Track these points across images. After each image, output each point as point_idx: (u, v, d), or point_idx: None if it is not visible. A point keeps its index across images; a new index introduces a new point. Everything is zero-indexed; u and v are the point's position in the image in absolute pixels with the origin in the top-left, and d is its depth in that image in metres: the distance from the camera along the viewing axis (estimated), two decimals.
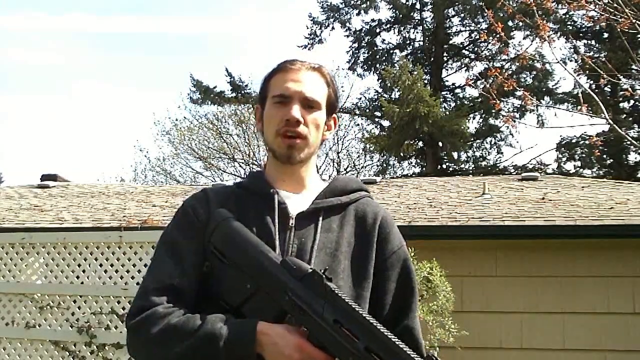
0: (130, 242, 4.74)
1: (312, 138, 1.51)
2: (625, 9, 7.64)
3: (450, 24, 20.53)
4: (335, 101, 1.58)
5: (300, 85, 1.50)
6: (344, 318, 1.24)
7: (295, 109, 1.48)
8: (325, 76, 1.57)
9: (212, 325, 1.30)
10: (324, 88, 1.55)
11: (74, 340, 4.64)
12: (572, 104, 16.82)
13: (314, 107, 1.51)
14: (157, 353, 1.34)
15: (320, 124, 1.53)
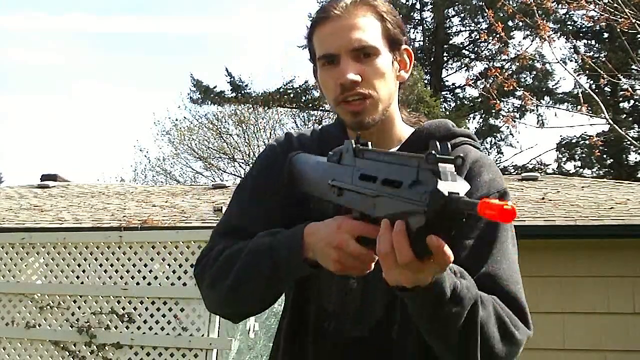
0: (130, 242, 4.74)
1: (381, 92, 1.24)
2: (625, 9, 7.64)
3: (450, 24, 20.54)
4: (398, 33, 1.29)
5: (345, 36, 1.23)
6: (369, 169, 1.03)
7: (348, 69, 1.21)
8: (374, 8, 1.26)
9: (257, 239, 1.19)
10: (375, 25, 1.25)
11: (74, 340, 4.64)
12: (572, 104, 16.82)
13: (371, 54, 1.24)
14: (220, 290, 1.24)
15: (386, 70, 1.25)
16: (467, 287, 1.04)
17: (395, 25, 1.29)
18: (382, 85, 1.25)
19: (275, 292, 1.24)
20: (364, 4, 1.26)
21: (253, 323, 4.80)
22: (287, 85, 20.82)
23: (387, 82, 1.26)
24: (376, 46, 1.24)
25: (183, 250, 4.57)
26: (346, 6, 1.25)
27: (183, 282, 4.53)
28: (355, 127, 1.26)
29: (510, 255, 1.22)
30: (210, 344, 4.36)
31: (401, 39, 1.30)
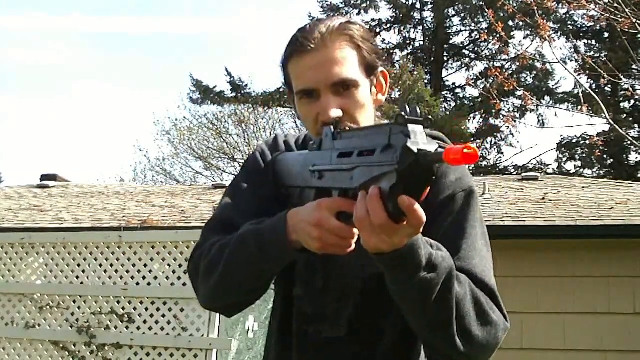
0: (130, 242, 4.74)
1: (361, 120, 1.23)
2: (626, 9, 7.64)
3: (451, 23, 20.54)
4: (374, 59, 1.26)
5: (324, 70, 1.20)
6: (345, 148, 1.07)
7: (329, 105, 1.20)
8: (350, 38, 1.23)
9: (244, 228, 1.20)
10: (352, 55, 1.23)
11: (73, 340, 4.64)
12: (573, 103, 16.82)
13: (351, 86, 1.22)
14: (211, 282, 1.23)
15: (366, 100, 1.24)
16: (442, 257, 1.06)
17: (371, 51, 1.26)
18: (362, 115, 1.24)
19: (264, 280, 1.25)
20: (340, 33, 1.23)
21: (252, 323, 4.80)
22: None
23: (367, 111, 1.25)
24: (355, 78, 1.23)
25: (183, 250, 4.56)
26: (322, 37, 1.22)
27: (183, 282, 4.53)
28: None
29: (482, 252, 1.21)
30: (210, 344, 4.36)
31: (377, 63, 1.28)
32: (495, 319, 1.15)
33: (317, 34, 1.22)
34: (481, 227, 1.24)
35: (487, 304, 1.15)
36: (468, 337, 1.11)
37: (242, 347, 4.62)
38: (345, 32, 1.24)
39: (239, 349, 4.55)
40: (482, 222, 1.25)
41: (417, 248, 1.00)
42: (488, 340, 1.14)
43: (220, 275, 1.21)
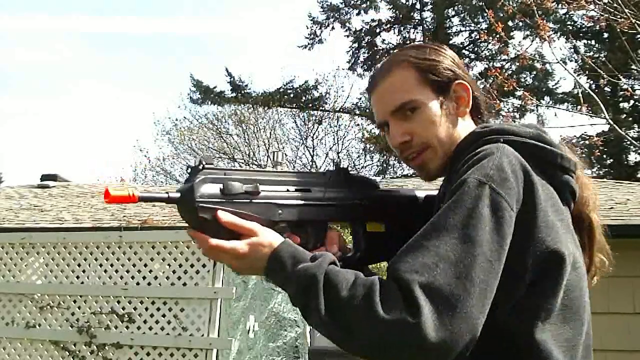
0: (130, 242, 4.74)
1: (437, 138, 1.27)
2: (625, 9, 7.65)
3: (450, 24, 20.55)
4: (442, 75, 1.29)
5: (383, 102, 1.29)
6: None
7: (396, 133, 1.27)
8: (405, 62, 1.28)
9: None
10: (411, 78, 1.27)
11: (74, 340, 4.64)
12: (572, 104, 16.83)
13: (413, 108, 1.26)
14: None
15: (435, 117, 1.26)
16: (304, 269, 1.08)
17: (436, 69, 1.28)
18: (434, 132, 1.26)
19: None
20: (396, 61, 1.30)
21: (253, 323, 4.80)
22: (287, 85, 20.84)
23: (439, 127, 1.27)
24: (413, 99, 1.26)
25: (183, 250, 4.56)
26: (380, 71, 1.31)
27: (183, 282, 4.53)
28: (425, 179, 1.33)
29: (424, 242, 1.05)
30: (210, 344, 4.36)
31: (448, 78, 1.30)
32: (380, 314, 0.99)
33: (378, 67, 1.32)
34: (456, 216, 1.06)
35: (367, 300, 1.01)
36: (338, 336, 1.05)
37: (243, 347, 4.63)
38: (400, 59, 1.29)
39: (239, 349, 4.55)
40: (462, 214, 1.06)
41: (271, 271, 1.12)
42: (361, 340, 1.02)
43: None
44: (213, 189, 1.14)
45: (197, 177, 1.13)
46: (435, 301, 0.98)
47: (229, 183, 1.16)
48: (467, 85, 1.32)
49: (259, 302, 4.92)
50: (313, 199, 1.25)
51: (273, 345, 5.23)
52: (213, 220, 1.13)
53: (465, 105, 1.32)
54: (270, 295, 5.16)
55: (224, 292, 4.42)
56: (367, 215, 1.30)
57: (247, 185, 1.17)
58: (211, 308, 4.42)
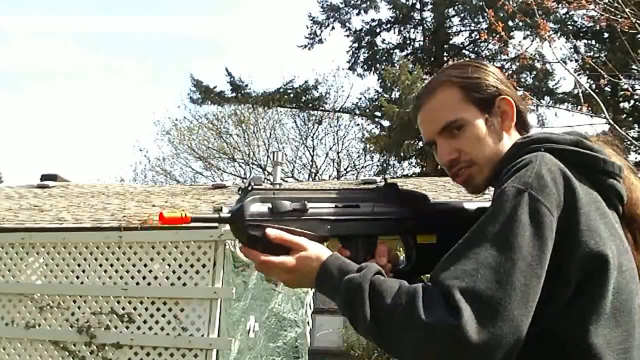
0: (130, 242, 4.74)
1: (483, 155, 1.30)
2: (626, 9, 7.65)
3: (450, 24, 20.54)
4: (485, 92, 1.32)
5: (430, 122, 1.33)
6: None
7: (443, 152, 1.32)
8: (448, 81, 1.33)
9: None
10: (454, 97, 1.31)
11: (73, 340, 4.64)
12: (573, 103, 16.83)
13: (459, 126, 1.30)
14: None
15: (480, 134, 1.30)
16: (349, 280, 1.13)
17: (479, 86, 1.32)
18: (480, 149, 1.30)
19: None
20: (439, 81, 1.34)
21: (253, 323, 4.80)
22: (287, 85, 20.84)
23: (486, 144, 1.30)
24: (459, 118, 1.30)
25: (183, 250, 4.56)
26: (426, 91, 1.35)
27: (183, 282, 4.53)
28: (470, 193, 1.38)
29: (465, 251, 1.09)
30: (210, 344, 4.36)
31: (492, 94, 1.32)
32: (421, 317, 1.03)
33: (423, 89, 1.37)
34: (495, 224, 1.09)
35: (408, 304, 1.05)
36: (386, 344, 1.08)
37: (243, 347, 4.62)
38: (443, 79, 1.34)
39: (239, 349, 4.55)
40: (501, 221, 1.09)
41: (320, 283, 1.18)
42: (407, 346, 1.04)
43: None
44: (262, 207, 1.22)
45: (247, 197, 1.22)
46: (475, 305, 1.00)
47: (277, 202, 1.23)
48: (510, 101, 1.34)
49: (259, 302, 4.92)
50: (361, 214, 1.30)
51: (273, 345, 5.23)
52: (263, 236, 1.20)
53: (510, 120, 1.34)
54: (271, 295, 5.16)
55: (224, 292, 4.42)
56: (417, 227, 1.34)
57: (295, 204, 1.24)
58: (211, 308, 4.42)
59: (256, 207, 1.22)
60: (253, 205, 1.22)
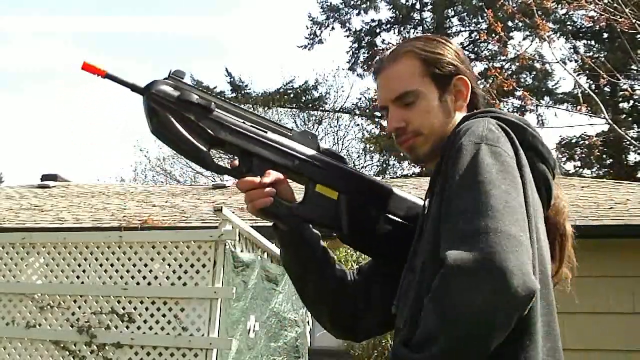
0: (130, 242, 4.74)
1: (430, 128, 1.32)
2: (625, 9, 7.65)
3: (450, 24, 20.55)
4: (442, 66, 1.34)
5: (385, 88, 1.36)
6: None
7: (391, 119, 1.35)
8: (411, 52, 1.35)
9: None
10: (413, 68, 1.34)
11: (74, 340, 4.64)
12: (572, 104, 16.83)
13: (412, 98, 1.32)
14: None
15: (430, 108, 1.32)
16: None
17: (440, 63, 1.34)
18: (428, 121, 1.32)
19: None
20: (402, 51, 1.36)
21: (253, 323, 4.80)
22: (287, 85, 20.86)
23: (434, 117, 1.33)
24: (414, 90, 1.33)
25: (183, 250, 4.57)
26: (388, 58, 1.38)
27: (183, 282, 4.53)
28: (414, 162, 1.44)
29: (452, 218, 1.08)
30: (210, 344, 4.36)
31: (450, 72, 1.34)
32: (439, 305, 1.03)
33: (387, 55, 1.39)
34: (464, 176, 1.10)
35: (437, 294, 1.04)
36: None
37: (243, 347, 4.63)
38: (406, 48, 1.36)
39: (239, 349, 4.55)
40: (468, 171, 1.10)
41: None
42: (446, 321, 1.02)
43: None
44: (171, 91, 1.31)
45: (163, 80, 1.32)
46: (468, 242, 1.02)
47: (186, 92, 1.31)
48: (467, 81, 1.36)
49: (259, 301, 4.93)
50: (263, 137, 1.34)
51: (274, 345, 5.23)
52: (165, 118, 1.31)
53: (463, 100, 1.36)
54: (271, 295, 5.17)
55: (224, 292, 4.42)
56: (322, 177, 1.36)
57: (201, 100, 1.30)
58: (211, 308, 4.42)
59: (166, 88, 1.31)
60: (164, 86, 1.32)
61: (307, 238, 1.38)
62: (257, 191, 1.32)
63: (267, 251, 5.24)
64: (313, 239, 1.39)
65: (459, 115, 1.34)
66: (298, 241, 1.38)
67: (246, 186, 1.34)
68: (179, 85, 1.32)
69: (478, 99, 1.40)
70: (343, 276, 1.42)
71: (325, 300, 1.41)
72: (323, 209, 1.35)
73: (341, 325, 1.43)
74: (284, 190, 1.36)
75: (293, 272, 1.43)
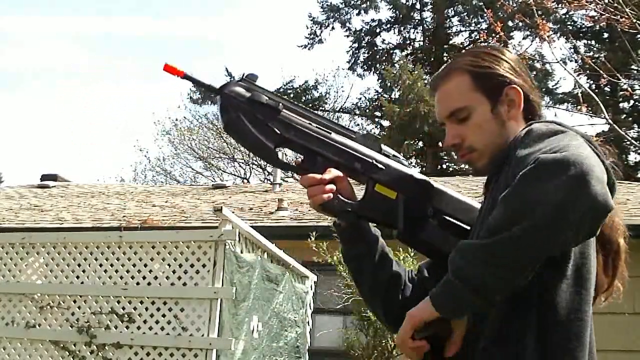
0: (130, 242, 4.74)
1: (483, 143, 1.37)
2: (626, 9, 7.64)
3: (450, 24, 20.56)
4: (494, 80, 1.37)
5: (439, 107, 1.42)
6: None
7: (447, 136, 1.41)
8: (460, 68, 1.40)
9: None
10: (463, 85, 1.38)
11: (74, 340, 4.64)
12: (572, 104, 16.83)
13: (464, 114, 1.37)
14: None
15: (483, 123, 1.36)
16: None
17: (489, 75, 1.37)
18: (481, 136, 1.37)
19: None
20: (452, 67, 1.41)
21: (257, 323, 4.80)
22: (287, 85, 20.85)
23: (488, 131, 1.37)
24: (464, 106, 1.37)
25: (183, 250, 4.57)
26: (439, 75, 1.43)
27: (183, 282, 4.53)
28: (477, 174, 1.53)
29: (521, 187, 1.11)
30: (210, 344, 4.36)
31: (500, 83, 1.37)
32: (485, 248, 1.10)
33: (439, 72, 1.44)
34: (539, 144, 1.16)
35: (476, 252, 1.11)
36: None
37: (248, 347, 4.62)
38: (456, 65, 1.41)
39: (244, 349, 4.54)
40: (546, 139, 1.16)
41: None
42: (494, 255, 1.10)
43: None
44: (243, 91, 1.41)
45: (237, 81, 1.43)
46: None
47: (256, 93, 1.41)
48: (518, 90, 1.38)
49: (261, 302, 4.92)
50: (328, 137, 1.42)
51: (276, 345, 5.23)
52: (237, 116, 1.42)
53: (517, 108, 1.38)
54: (272, 295, 5.16)
55: (224, 292, 4.42)
56: (381, 178, 1.41)
57: (270, 100, 1.40)
58: (211, 308, 4.41)
59: (239, 89, 1.41)
60: (237, 87, 1.42)
61: (365, 235, 1.45)
62: (318, 187, 1.38)
63: (267, 251, 5.23)
64: (371, 236, 1.46)
65: (514, 124, 1.37)
66: (356, 238, 1.44)
67: (308, 182, 1.39)
68: (251, 87, 1.42)
69: (535, 107, 1.41)
70: (400, 274, 1.47)
71: (380, 296, 1.46)
72: (381, 207, 1.40)
73: (396, 322, 1.45)
74: (344, 188, 1.42)
75: (351, 267, 1.50)
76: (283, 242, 5.71)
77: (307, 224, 7.37)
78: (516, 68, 1.41)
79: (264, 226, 7.06)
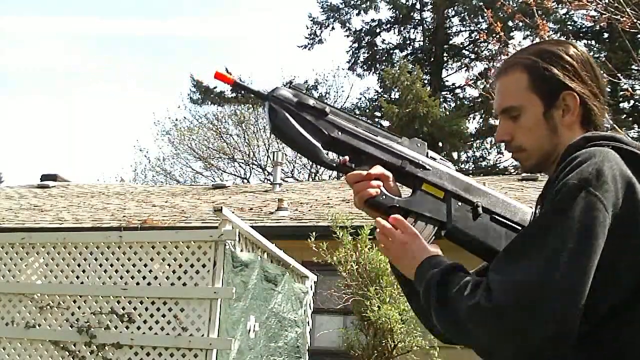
0: (130, 242, 4.73)
1: (532, 145, 1.34)
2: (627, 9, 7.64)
3: (450, 24, 20.56)
4: (550, 80, 1.31)
5: (496, 101, 1.39)
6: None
7: (499, 131, 1.38)
8: (520, 64, 1.34)
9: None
10: (519, 83, 1.33)
11: (74, 340, 4.64)
12: None
13: (515, 113, 1.34)
14: None
15: (533, 125, 1.32)
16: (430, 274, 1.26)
17: (547, 77, 1.31)
18: (531, 139, 1.34)
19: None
20: (515, 62, 1.37)
21: (253, 323, 4.80)
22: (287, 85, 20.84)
23: (538, 135, 1.33)
24: (516, 105, 1.34)
25: (183, 250, 4.56)
26: (502, 67, 1.40)
27: (183, 282, 4.53)
28: (525, 173, 1.54)
29: (518, 249, 1.15)
30: (210, 344, 4.36)
31: (558, 87, 1.31)
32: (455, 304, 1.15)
33: (501, 65, 1.42)
34: (550, 219, 1.13)
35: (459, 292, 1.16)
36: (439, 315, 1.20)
37: (244, 347, 4.62)
38: (518, 60, 1.36)
39: (240, 349, 4.54)
40: (557, 217, 1.12)
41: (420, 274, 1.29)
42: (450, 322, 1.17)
43: None
44: (290, 95, 1.45)
45: (284, 87, 1.47)
46: (510, 292, 1.08)
47: (302, 95, 1.45)
48: (575, 97, 1.31)
49: (259, 302, 4.92)
50: (373, 139, 1.45)
51: (274, 345, 5.23)
52: (283, 119, 1.44)
53: (572, 115, 1.32)
54: (271, 295, 5.16)
55: (224, 292, 4.42)
56: (427, 178, 1.44)
57: (317, 103, 1.44)
58: (211, 308, 4.41)
59: (286, 93, 1.45)
60: (285, 91, 1.46)
61: None
62: (363, 183, 1.39)
63: (267, 251, 5.23)
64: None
65: (567, 131, 1.32)
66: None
67: (354, 178, 1.40)
68: (298, 93, 1.46)
69: (595, 115, 1.34)
70: None
71: (429, 317, 1.42)
72: (428, 205, 1.42)
73: (444, 335, 1.45)
74: (390, 187, 1.42)
75: (404, 291, 1.51)
76: (283, 242, 5.71)
77: (307, 224, 7.37)
78: (579, 71, 1.33)
79: (263, 226, 7.05)
